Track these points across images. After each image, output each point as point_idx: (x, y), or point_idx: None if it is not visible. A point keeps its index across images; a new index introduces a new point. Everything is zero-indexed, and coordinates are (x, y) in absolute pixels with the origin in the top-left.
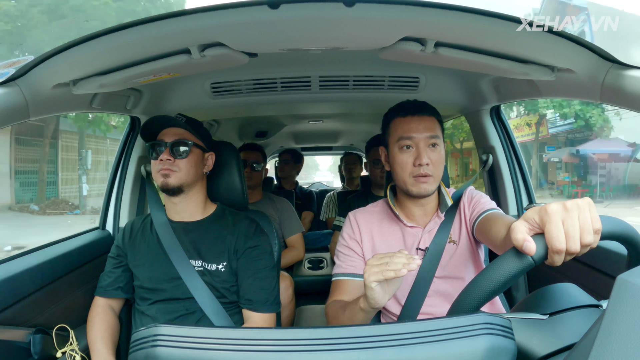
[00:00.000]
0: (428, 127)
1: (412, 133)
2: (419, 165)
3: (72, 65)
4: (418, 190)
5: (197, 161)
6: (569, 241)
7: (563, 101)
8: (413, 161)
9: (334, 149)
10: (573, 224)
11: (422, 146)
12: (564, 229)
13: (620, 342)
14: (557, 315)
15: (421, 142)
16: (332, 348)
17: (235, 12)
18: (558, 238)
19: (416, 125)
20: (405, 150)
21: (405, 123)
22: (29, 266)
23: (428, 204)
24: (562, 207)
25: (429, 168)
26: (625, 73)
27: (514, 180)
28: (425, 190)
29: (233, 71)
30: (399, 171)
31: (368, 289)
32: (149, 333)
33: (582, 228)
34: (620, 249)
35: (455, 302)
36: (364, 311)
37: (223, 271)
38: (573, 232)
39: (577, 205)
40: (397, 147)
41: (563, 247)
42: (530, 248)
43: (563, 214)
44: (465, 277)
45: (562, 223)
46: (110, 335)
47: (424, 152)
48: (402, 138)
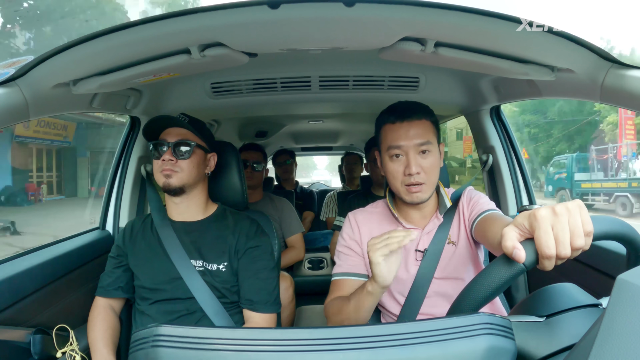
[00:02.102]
0: (418, 133)
1: (400, 142)
2: (408, 174)
3: (72, 65)
4: (411, 199)
5: (199, 162)
6: (559, 246)
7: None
8: (403, 170)
9: (334, 149)
10: (562, 228)
11: (412, 154)
12: (553, 234)
13: (620, 342)
14: (554, 317)
15: (411, 151)
16: (332, 348)
17: (235, 12)
18: (547, 244)
19: (405, 132)
20: (396, 159)
21: (394, 131)
22: (29, 266)
23: (425, 208)
24: (551, 212)
25: (420, 177)
26: (625, 73)
27: (513, 181)
28: (418, 198)
29: (233, 71)
30: (391, 180)
31: (375, 265)
32: (149, 333)
33: (573, 232)
34: (620, 248)
35: (451, 308)
36: (371, 294)
37: (224, 271)
38: (563, 236)
39: (566, 208)
40: (387, 156)
41: (553, 253)
42: (520, 256)
43: (552, 219)
44: (465, 278)
45: (552, 228)
46: (110, 336)
47: (413, 162)
48: (391, 147)
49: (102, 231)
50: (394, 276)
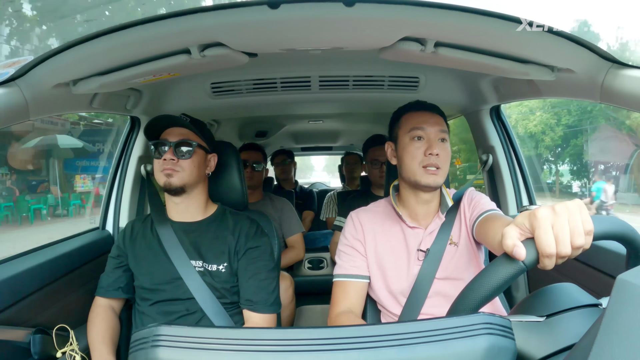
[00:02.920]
0: (438, 122)
1: (424, 124)
2: (429, 154)
3: (72, 65)
4: (427, 181)
5: (200, 162)
6: (559, 245)
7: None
8: (424, 151)
9: (334, 149)
10: (563, 227)
11: (433, 137)
12: (554, 233)
13: (620, 342)
14: (554, 317)
15: (432, 134)
16: (332, 348)
17: (235, 12)
18: (548, 243)
19: (428, 118)
20: (417, 141)
21: (418, 116)
22: (29, 266)
23: (431, 202)
24: (551, 211)
25: (439, 159)
26: (625, 73)
27: (513, 181)
28: (434, 181)
29: (233, 71)
30: (408, 162)
31: None
32: (149, 333)
33: (573, 231)
34: (620, 248)
35: (451, 307)
36: None
37: (223, 272)
38: (563, 235)
39: (566, 208)
40: (408, 138)
41: (553, 252)
42: (520, 253)
43: (552, 218)
44: (465, 278)
45: (552, 227)
46: (110, 336)
47: (435, 143)
48: (414, 128)
49: (102, 231)
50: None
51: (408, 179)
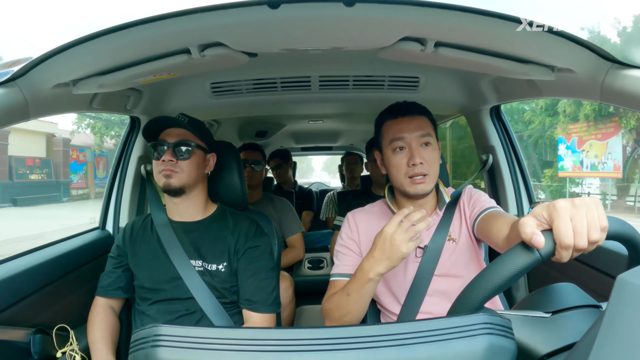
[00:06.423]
0: (419, 126)
1: (403, 133)
2: (412, 165)
3: (72, 65)
4: (415, 190)
5: (199, 162)
6: (577, 237)
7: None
8: (407, 162)
9: (334, 148)
10: (581, 220)
11: (415, 145)
12: (572, 225)
13: (620, 342)
14: (559, 314)
15: (413, 142)
16: (332, 348)
17: (235, 12)
18: (567, 233)
19: (407, 125)
20: (398, 152)
21: (396, 124)
22: (29, 266)
23: (426, 203)
24: (571, 204)
25: (423, 167)
26: (625, 73)
27: (514, 181)
28: (422, 190)
29: (233, 71)
30: (394, 173)
31: (406, 254)
32: (149, 333)
33: (590, 225)
34: (620, 248)
35: (460, 296)
36: (374, 281)
37: (223, 271)
38: (581, 228)
39: (585, 202)
40: (390, 150)
41: (571, 243)
42: (539, 241)
43: (571, 210)
44: (464, 276)
45: (570, 219)
46: (110, 335)
47: (416, 152)
48: (394, 140)
49: (102, 231)
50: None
51: (397, 188)
